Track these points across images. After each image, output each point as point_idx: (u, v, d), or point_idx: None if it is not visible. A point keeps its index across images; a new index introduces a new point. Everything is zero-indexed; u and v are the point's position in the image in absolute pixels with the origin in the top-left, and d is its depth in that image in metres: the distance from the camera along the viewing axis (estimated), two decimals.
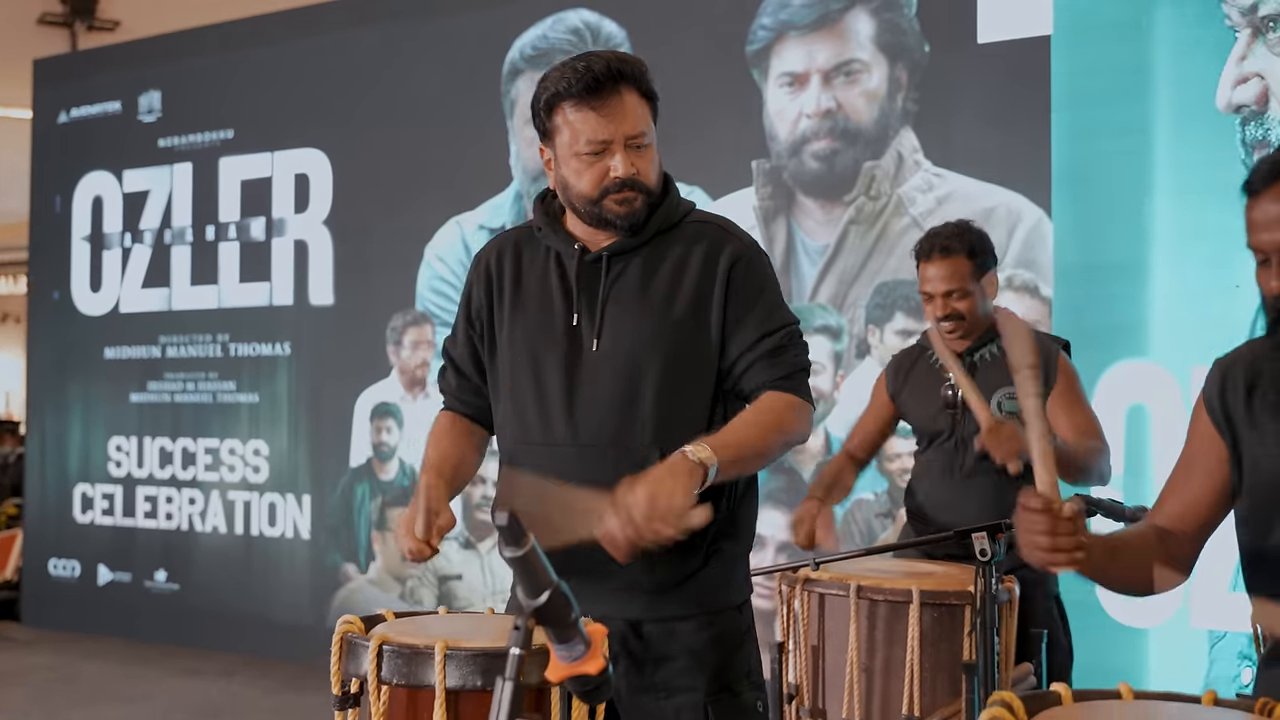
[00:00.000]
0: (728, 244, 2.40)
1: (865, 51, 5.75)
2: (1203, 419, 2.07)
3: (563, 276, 2.42)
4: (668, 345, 2.35)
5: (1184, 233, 4.23)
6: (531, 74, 6.58)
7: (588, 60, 2.36)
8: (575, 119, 2.33)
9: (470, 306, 2.52)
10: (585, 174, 2.34)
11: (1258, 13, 4.14)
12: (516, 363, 2.44)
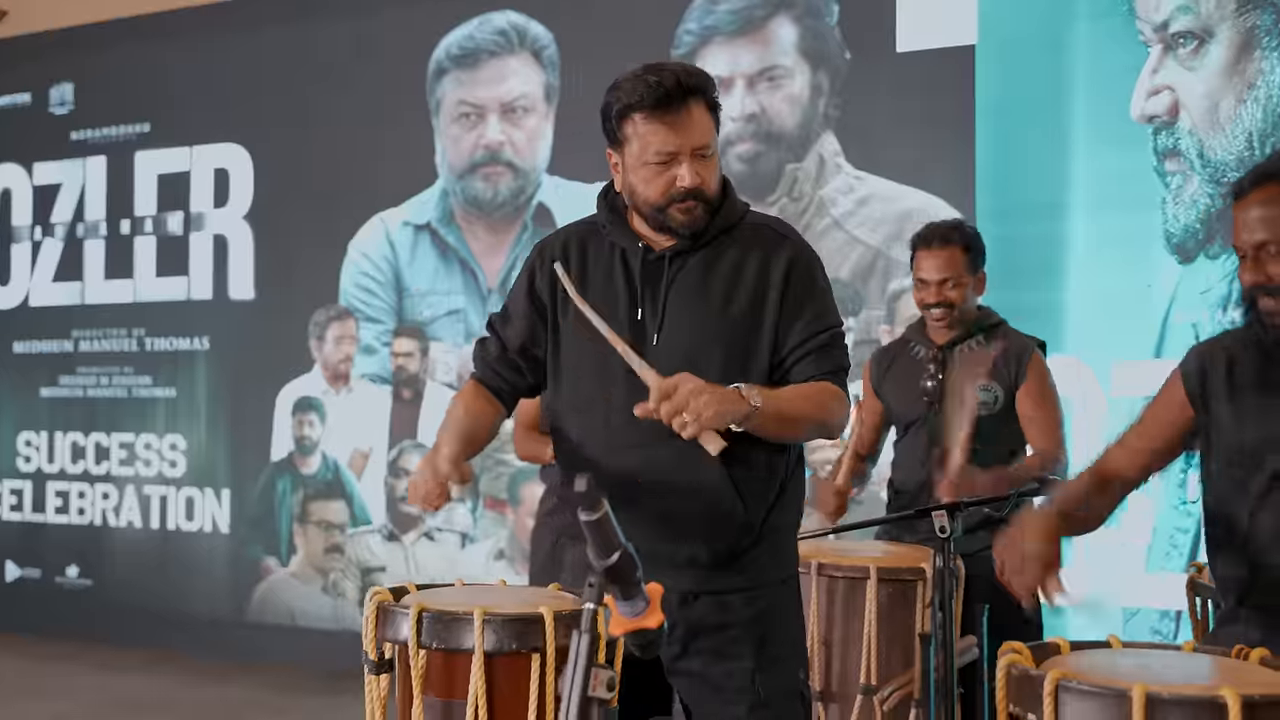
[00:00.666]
0: (784, 247, 2.58)
1: (788, 58, 5.96)
2: (1177, 391, 2.30)
3: (627, 272, 2.58)
4: (725, 340, 2.52)
5: (1100, 235, 4.50)
6: (457, 73, 6.69)
7: (659, 74, 2.49)
8: (645, 130, 2.48)
9: (534, 290, 2.66)
10: (653, 182, 2.50)
11: (1169, 29, 4.44)
12: (582, 351, 2.59)
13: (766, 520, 2.56)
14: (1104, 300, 4.47)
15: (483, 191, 6.62)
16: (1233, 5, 4.34)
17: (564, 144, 6.46)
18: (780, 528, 2.62)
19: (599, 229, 2.66)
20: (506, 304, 2.73)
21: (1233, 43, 4.35)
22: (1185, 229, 4.41)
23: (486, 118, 6.63)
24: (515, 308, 2.69)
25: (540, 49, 6.53)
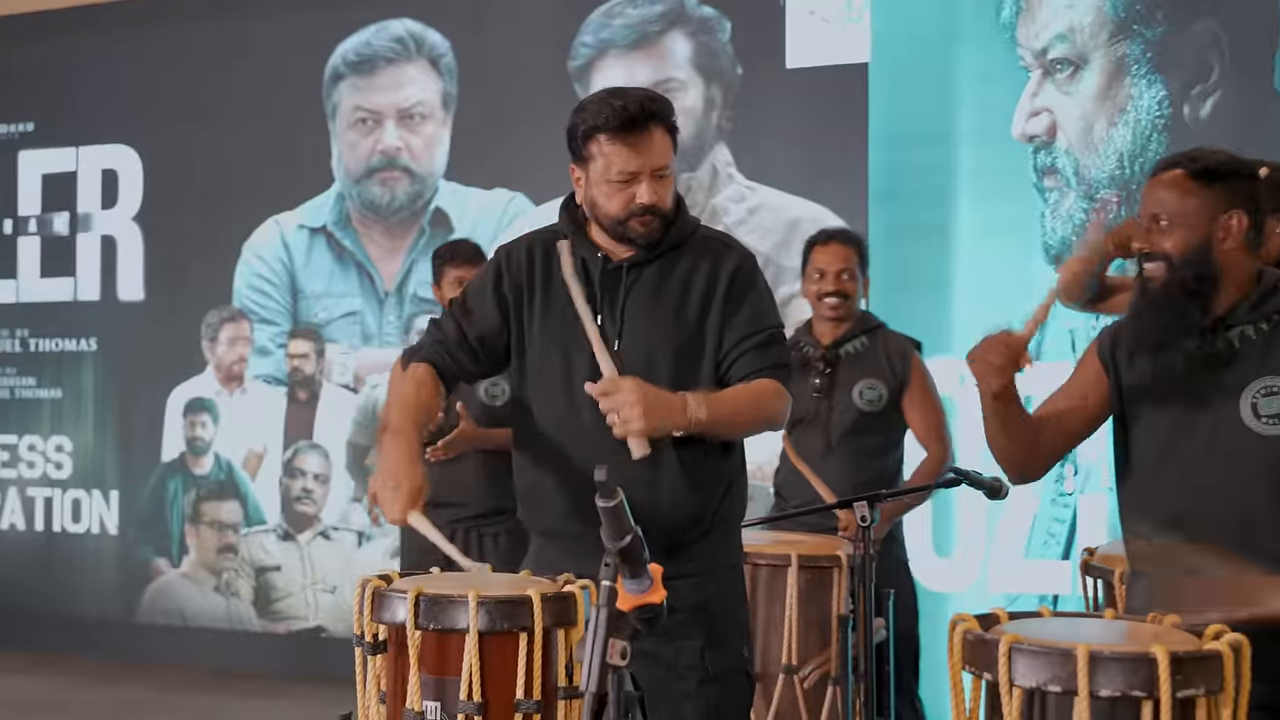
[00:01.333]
0: (729, 256, 2.81)
1: (682, 71, 6.21)
2: (1093, 361, 2.59)
3: (588, 280, 2.77)
4: (677, 343, 2.74)
5: (983, 245, 4.84)
6: (354, 79, 6.80)
7: (624, 98, 2.70)
8: (609, 150, 2.68)
9: (501, 289, 2.82)
10: (615, 198, 2.70)
11: (1047, 56, 4.79)
12: (547, 352, 2.78)
13: (717, 512, 2.79)
14: (987, 306, 4.80)
15: (380, 196, 6.74)
16: (1105, 35, 4.70)
17: (461, 150, 6.62)
18: (729, 518, 2.85)
19: (559, 238, 2.85)
20: (465, 298, 2.89)
21: (1105, 70, 4.71)
22: (1062, 240, 4.77)
23: (384, 123, 6.75)
24: (478, 303, 2.85)
25: (438, 57, 6.67)
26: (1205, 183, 2.43)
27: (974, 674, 2.07)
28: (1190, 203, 2.43)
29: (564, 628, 2.41)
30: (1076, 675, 1.94)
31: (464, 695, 2.34)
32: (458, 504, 4.30)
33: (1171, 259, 2.44)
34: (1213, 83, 4.62)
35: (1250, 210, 2.46)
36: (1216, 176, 2.43)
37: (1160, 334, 2.49)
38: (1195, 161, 2.46)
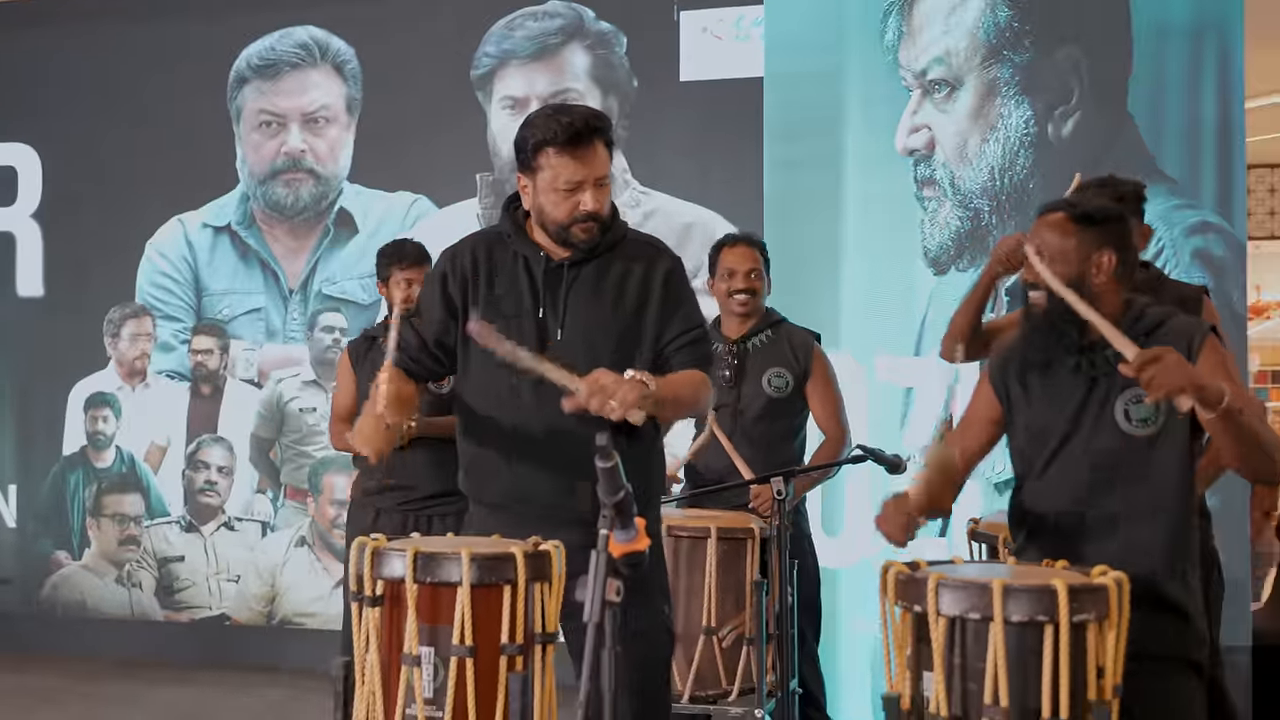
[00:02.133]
0: (661, 259, 3.17)
1: (580, 82, 6.56)
2: (985, 388, 3.00)
3: (530, 277, 3.11)
4: (616, 334, 3.09)
5: (869, 250, 5.28)
6: (258, 83, 7.00)
7: (570, 115, 3.04)
8: (557, 162, 3.01)
9: (448, 290, 3.14)
10: (561, 205, 3.03)
11: (926, 77, 5.25)
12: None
13: (649, 484, 3.14)
14: (872, 305, 5.24)
15: (284, 197, 6.96)
16: (978, 59, 5.17)
17: (365, 154, 6.86)
18: (651, 491, 3.20)
19: (503, 238, 3.17)
20: (420, 304, 3.23)
21: (978, 91, 5.18)
22: (939, 246, 5.22)
23: (288, 126, 6.96)
24: (429, 309, 3.17)
25: (342, 63, 6.91)
26: (1084, 225, 2.85)
27: (904, 607, 2.47)
28: (1069, 243, 2.83)
29: (540, 581, 2.75)
30: (992, 604, 2.34)
31: (456, 640, 2.67)
32: (407, 487, 4.58)
33: (1051, 289, 2.85)
34: (1073, 104, 5.11)
35: (1120, 249, 2.88)
36: (1093, 221, 2.86)
37: (1045, 354, 2.91)
38: (1075, 207, 2.88)
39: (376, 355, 4.65)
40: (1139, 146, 5.01)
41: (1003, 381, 2.98)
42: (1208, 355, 2.77)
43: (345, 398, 4.76)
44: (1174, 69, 5.04)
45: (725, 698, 3.95)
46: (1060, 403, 2.88)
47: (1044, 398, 2.91)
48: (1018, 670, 2.35)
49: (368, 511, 4.68)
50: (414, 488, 4.59)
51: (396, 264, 4.69)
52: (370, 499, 4.68)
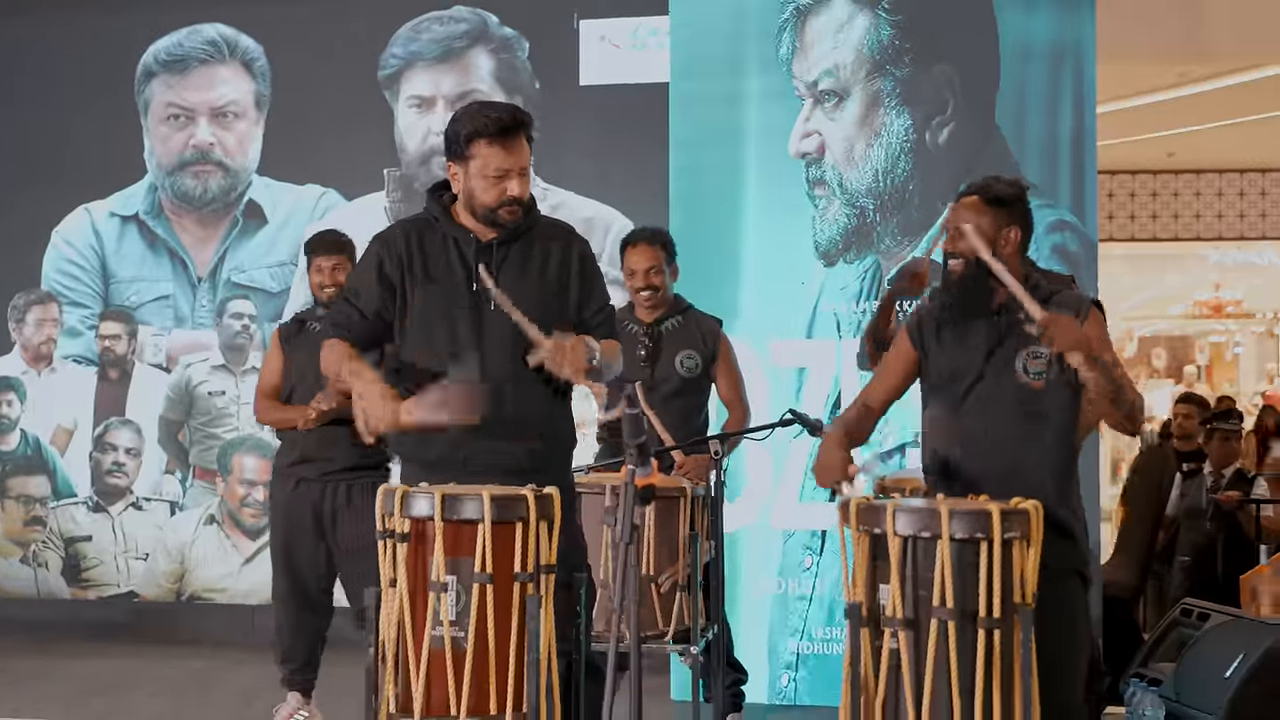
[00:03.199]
0: (575, 240, 3.64)
1: (485, 84, 6.98)
2: (904, 340, 3.53)
3: (461, 256, 3.53)
4: (541, 306, 3.51)
5: (766, 243, 5.79)
6: (166, 77, 7.24)
7: (496, 111, 3.47)
8: (487, 152, 3.43)
9: (382, 272, 3.50)
10: (490, 191, 3.45)
11: (817, 87, 5.78)
12: (432, 318, 3.50)
13: (571, 438, 3.60)
14: (768, 293, 5.76)
15: (193, 188, 7.22)
16: (863, 73, 5.73)
17: (274, 147, 7.17)
18: (569, 444, 3.65)
19: (430, 223, 3.57)
20: (354, 283, 3.59)
21: (863, 101, 5.73)
22: (829, 240, 5.76)
23: (196, 120, 7.23)
24: (365, 286, 3.51)
25: (251, 60, 7.20)
26: (994, 205, 3.41)
27: (864, 530, 2.99)
28: (984, 220, 3.39)
29: (545, 520, 3.19)
30: (941, 524, 2.87)
31: (478, 569, 3.09)
32: (328, 459, 4.97)
33: (968, 259, 3.40)
34: (948, 115, 5.70)
35: (1023, 226, 3.45)
36: (1001, 201, 3.42)
37: (958, 312, 3.46)
38: (987, 190, 3.43)
39: (307, 337, 5.03)
40: (1005, 154, 5.62)
41: (919, 334, 3.51)
42: (1092, 323, 3.35)
43: (272, 376, 5.14)
44: (1035, 86, 5.67)
45: (662, 638, 4.42)
46: (970, 353, 3.41)
47: (956, 348, 3.44)
48: (959, 579, 2.88)
49: (289, 481, 5.06)
50: (333, 460, 4.98)
51: (314, 252, 5.09)
52: (293, 469, 5.05)
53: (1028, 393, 3.34)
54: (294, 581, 5.06)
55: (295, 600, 5.06)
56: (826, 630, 5.71)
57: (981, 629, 2.88)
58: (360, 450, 4.95)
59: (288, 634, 5.08)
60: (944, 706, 2.88)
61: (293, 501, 5.05)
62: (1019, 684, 2.89)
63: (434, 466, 3.42)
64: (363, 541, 4.97)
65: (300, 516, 5.01)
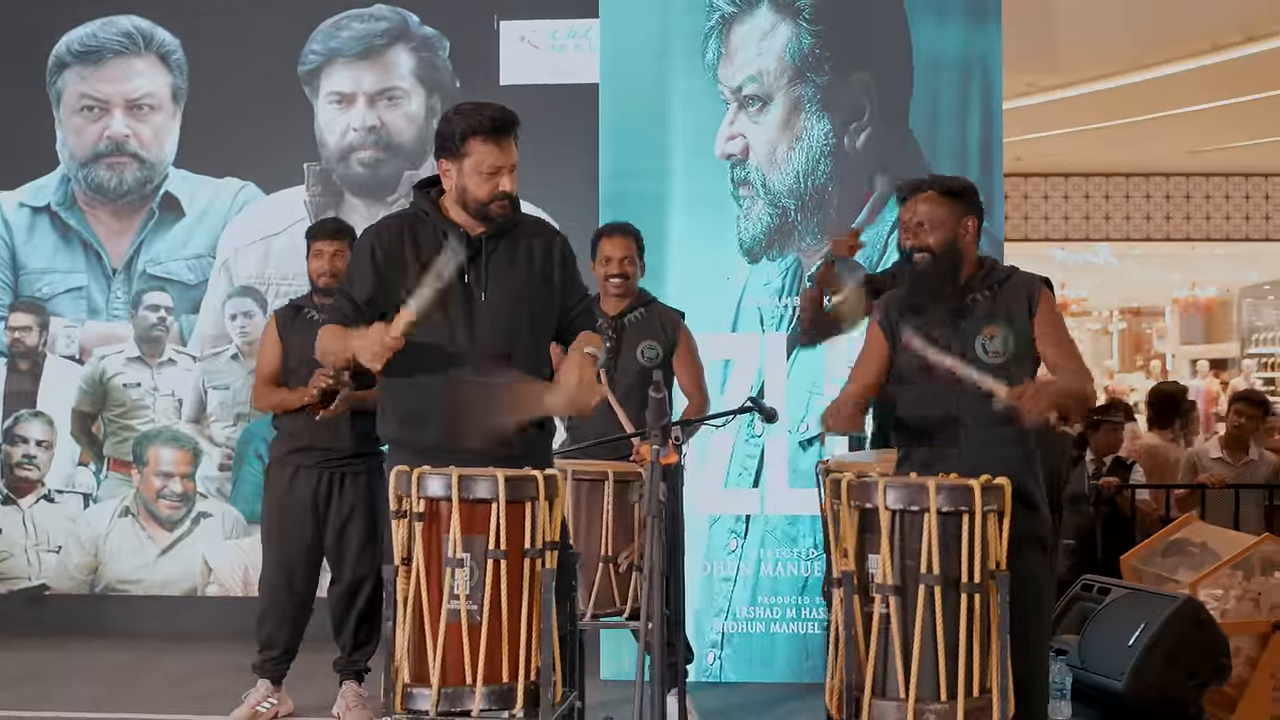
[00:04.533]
0: (555, 235, 3.87)
1: (405, 81, 7.11)
2: (876, 331, 3.81)
3: (453, 249, 3.71)
4: (530, 297, 3.73)
5: (693, 241, 6.04)
6: (79, 68, 7.20)
7: (490, 110, 3.67)
8: (483, 149, 3.63)
9: (376, 262, 3.69)
10: (484, 186, 3.66)
11: (741, 92, 6.06)
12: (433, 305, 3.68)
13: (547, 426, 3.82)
14: (695, 289, 6.02)
15: (107, 180, 7.20)
16: (785, 79, 6.02)
17: (191, 141, 7.18)
18: (552, 431, 3.87)
19: (420, 217, 3.74)
20: (348, 276, 3.78)
21: (786, 106, 6.02)
22: (753, 238, 6.04)
23: (111, 111, 7.20)
24: (360, 277, 3.70)
25: (167, 53, 7.21)
26: (951, 198, 3.71)
27: (856, 505, 3.25)
28: (942, 212, 3.69)
29: (551, 499, 3.40)
30: (928, 499, 3.16)
31: (492, 545, 3.29)
32: (328, 448, 5.15)
33: (933, 251, 3.69)
34: (865, 120, 6.02)
35: (978, 216, 3.76)
36: (956, 194, 3.72)
37: (924, 300, 3.75)
38: (942, 184, 3.73)
39: (303, 324, 5.16)
40: (918, 158, 5.97)
41: (888, 322, 3.79)
42: (1044, 306, 3.68)
43: (270, 362, 5.28)
44: (946, 94, 6.02)
45: (619, 615, 4.65)
46: (933, 338, 3.70)
47: (921, 335, 3.73)
48: (943, 548, 3.17)
49: (287, 469, 5.19)
50: (333, 449, 5.14)
51: (311, 237, 5.27)
52: (291, 457, 5.17)
53: (989, 371, 3.63)
54: (284, 572, 5.18)
55: (284, 590, 5.18)
56: (750, 609, 6.00)
57: (964, 593, 3.17)
58: (361, 439, 5.10)
59: (271, 623, 5.20)
60: (929, 665, 3.17)
61: (290, 490, 5.19)
62: (995, 643, 3.19)
63: (425, 454, 3.57)
64: (349, 535, 5.15)
65: (295, 505, 5.15)
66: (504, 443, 3.60)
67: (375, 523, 5.18)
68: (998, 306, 3.71)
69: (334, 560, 5.23)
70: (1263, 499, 7.59)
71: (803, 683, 5.89)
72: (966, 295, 3.70)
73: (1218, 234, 17.01)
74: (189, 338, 7.11)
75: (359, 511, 5.19)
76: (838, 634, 3.30)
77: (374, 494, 5.17)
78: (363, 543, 5.19)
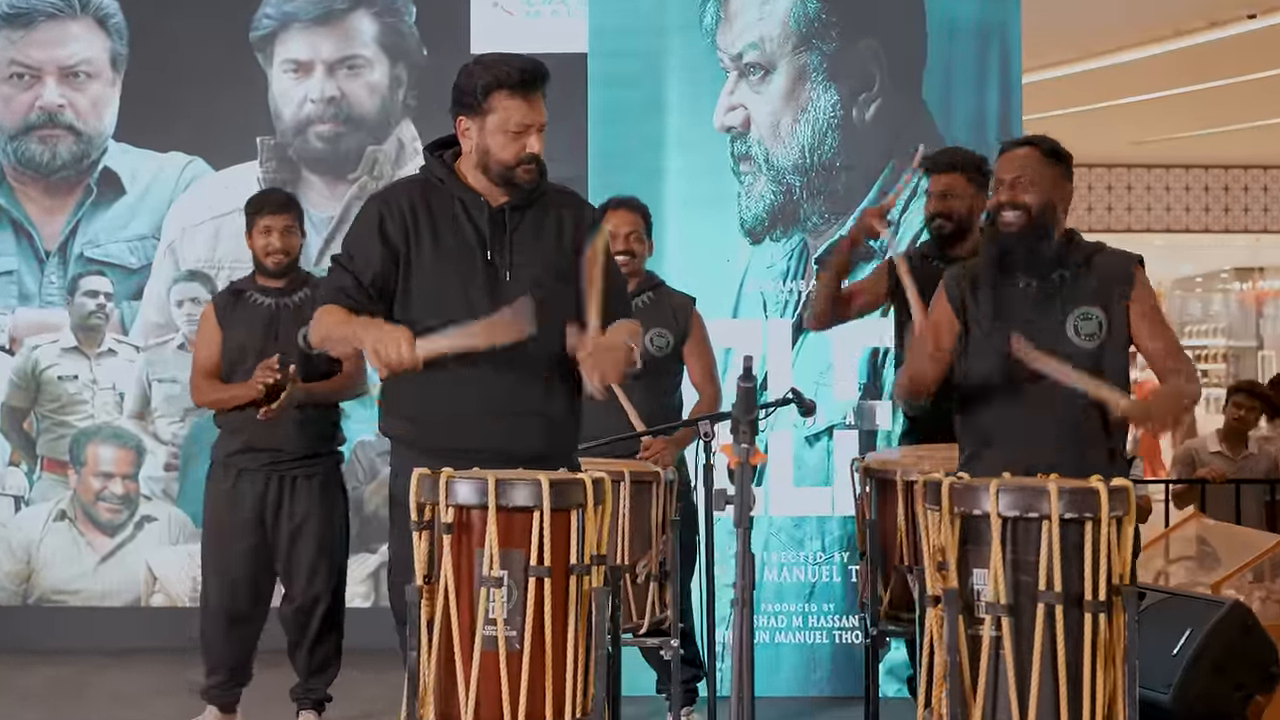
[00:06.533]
0: (588, 209, 3.42)
1: (368, 49, 6.58)
2: (944, 305, 3.38)
3: (473, 222, 3.24)
4: (560, 274, 3.27)
5: (691, 221, 5.59)
6: (9, 32, 6.59)
7: (517, 61, 3.22)
8: (509, 105, 3.18)
9: (384, 231, 3.22)
10: (510, 147, 3.20)
11: (742, 60, 5.61)
12: (445, 284, 3.22)
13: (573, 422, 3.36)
14: (693, 272, 5.57)
15: (40, 154, 6.60)
16: (789, 46, 5.58)
17: (133, 112, 6.61)
18: (578, 428, 3.42)
19: (434, 184, 3.29)
20: (348, 248, 3.29)
21: (790, 75, 5.58)
22: (755, 217, 5.60)
23: (44, 79, 6.61)
24: (362, 250, 3.24)
25: (105, 16, 6.62)
26: (1053, 160, 3.29)
27: (960, 512, 2.82)
28: (1047, 172, 3.27)
29: (600, 505, 2.93)
30: (1050, 504, 2.73)
31: (534, 561, 2.82)
32: (276, 449, 4.58)
33: (1030, 210, 3.26)
34: (875, 91, 5.60)
35: (1072, 184, 3.35)
36: (1058, 156, 3.30)
37: (1011, 269, 3.32)
38: (1045, 142, 3.31)
39: (244, 309, 4.63)
40: (932, 131, 5.55)
41: (960, 297, 3.37)
42: (1141, 289, 3.27)
43: (209, 353, 4.71)
44: (962, 63, 5.61)
45: (636, 631, 4.19)
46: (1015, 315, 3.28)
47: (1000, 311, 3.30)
48: (1065, 561, 2.74)
49: (230, 472, 4.65)
50: (282, 450, 4.59)
51: (256, 212, 4.68)
52: (235, 459, 4.64)
53: (1080, 356, 3.22)
54: (226, 586, 4.63)
55: (226, 607, 4.64)
56: (759, 620, 5.56)
57: (1087, 612, 2.75)
58: (311, 439, 4.60)
59: (216, 645, 4.65)
60: (1049, 695, 2.75)
61: (232, 497, 4.63)
62: (1122, 669, 2.78)
63: (437, 455, 3.10)
64: (300, 547, 4.61)
65: (239, 513, 4.60)
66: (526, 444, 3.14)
67: (332, 534, 4.69)
68: (1090, 284, 3.30)
69: (285, 576, 4.69)
70: (1264, 493, 7.33)
71: (810, 696, 5.47)
72: (1055, 270, 3.28)
73: (1158, 225, 16.90)
74: (131, 326, 6.53)
75: (313, 520, 4.63)
76: (931, 659, 2.87)
77: (331, 500, 4.67)
78: (316, 557, 4.63)
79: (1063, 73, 11.61)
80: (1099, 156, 16.08)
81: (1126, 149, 15.54)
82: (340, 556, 4.76)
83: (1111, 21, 10.30)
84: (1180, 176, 16.75)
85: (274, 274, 4.61)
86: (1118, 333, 3.23)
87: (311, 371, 4.52)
